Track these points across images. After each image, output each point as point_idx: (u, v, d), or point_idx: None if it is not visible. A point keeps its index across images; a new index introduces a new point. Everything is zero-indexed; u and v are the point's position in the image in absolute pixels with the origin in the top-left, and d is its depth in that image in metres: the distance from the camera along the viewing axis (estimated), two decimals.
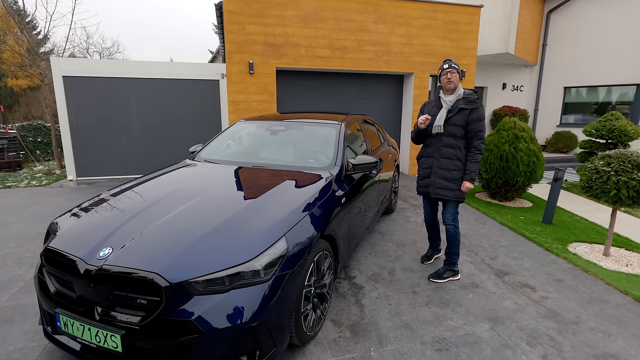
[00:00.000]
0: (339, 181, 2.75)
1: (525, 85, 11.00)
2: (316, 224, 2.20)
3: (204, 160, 3.16)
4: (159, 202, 2.22)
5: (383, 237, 4.05)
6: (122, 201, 2.30)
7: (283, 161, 3.03)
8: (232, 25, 6.12)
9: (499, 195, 5.60)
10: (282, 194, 2.32)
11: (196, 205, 2.15)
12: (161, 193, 2.36)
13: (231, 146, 3.44)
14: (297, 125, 3.45)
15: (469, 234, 4.17)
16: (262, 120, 3.61)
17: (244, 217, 2.00)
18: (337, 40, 6.68)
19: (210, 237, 1.82)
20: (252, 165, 2.93)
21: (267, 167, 2.88)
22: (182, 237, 1.83)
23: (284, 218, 2.03)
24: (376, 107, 7.69)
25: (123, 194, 2.45)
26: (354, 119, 3.76)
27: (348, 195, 2.75)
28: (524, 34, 9.42)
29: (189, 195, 2.30)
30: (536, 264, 3.41)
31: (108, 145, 7.42)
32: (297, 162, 3.01)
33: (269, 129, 3.47)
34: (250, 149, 3.38)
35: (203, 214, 2.06)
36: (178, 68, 7.47)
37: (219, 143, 3.47)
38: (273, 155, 3.19)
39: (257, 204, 2.16)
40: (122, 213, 2.09)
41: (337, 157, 2.92)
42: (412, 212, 4.99)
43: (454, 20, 7.23)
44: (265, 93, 6.52)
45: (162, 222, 1.95)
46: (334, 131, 3.21)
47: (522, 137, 5.35)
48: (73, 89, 7.05)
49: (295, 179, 2.58)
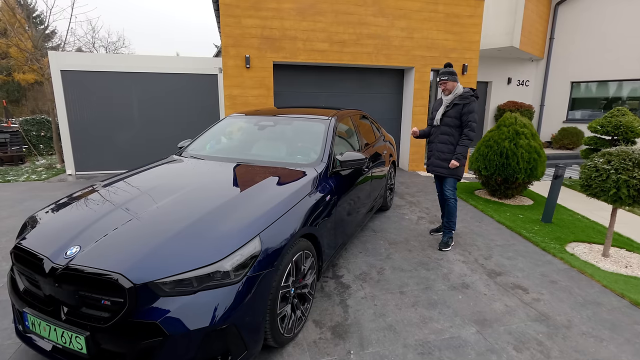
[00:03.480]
0: (325, 178, 2.67)
1: (531, 80, 10.76)
2: (296, 222, 2.13)
3: (190, 156, 3.11)
4: (136, 199, 2.17)
5: (375, 234, 3.97)
6: (98, 197, 2.26)
7: (270, 157, 2.96)
8: (228, 19, 6.03)
9: (499, 193, 5.48)
10: (262, 192, 2.26)
11: (173, 203, 2.09)
12: (140, 190, 2.32)
13: (219, 142, 3.38)
14: (286, 121, 3.37)
15: (463, 232, 4.08)
16: (251, 115, 3.55)
17: (218, 216, 1.94)
18: (336, 34, 6.56)
19: (181, 236, 1.77)
20: (237, 161, 2.87)
21: (252, 163, 2.81)
22: (152, 235, 1.78)
23: (259, 216, 1.97)
24: (376, 102, 7.58)
25: (102, 189, 2.41)
26: (346, 114, 3.68)
27: (334, 193, 2.68)
28: (529, 26, 9.18)
29: (168, 192, 2.25)
30: (531, 264, 3.31)
31: (107, 139, 7.42)
32: (284, 159, 2.94)
33: (257, 124, 3.40)
34: (237, 144, 3.32)
35: (178, 211, 2.00)
36: (176, 62, 7.42)
37: (207, 138, 3.41)
38: (260, 151, 3.12)
39: (234, 202, 2.10)
40: (96, 210, 2.05)
41: (324, 153, 2.85)
42: (408, 210, 4.90)
43: (456, 13, 7.05)
44: (262, 87, 6.44)
45: (135, 220, 1.90)
46: (323, 127, 3.13)
47: (523, 133, 5.21)
48: (71, 83, 7.04)
49: (278, 176, 2.51)
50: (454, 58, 7.22)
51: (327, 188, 2.62)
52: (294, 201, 2.22)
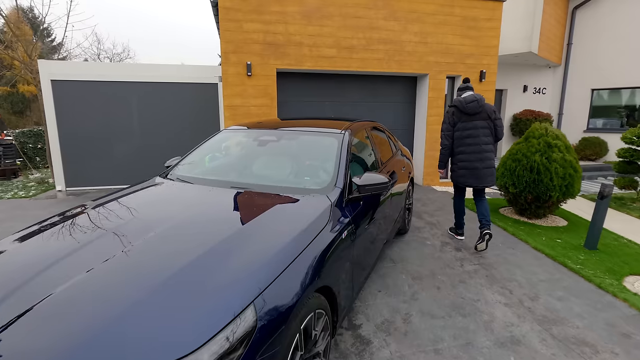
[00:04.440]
0: (340, 208, 2.13)
1: (548, 88, 10.22)
2: (305, 275, 1.59)
3: (176, 178, 2.60)
4: (97, 241, 1.65)
5: (395, 266, 3.41)
6: (56, 235, 1.74)
7: (271, 180, 2.43)
8: (228, 23, 5.59)
9: (528, 212, 4.89)
10: (260, 232, 1.72)
11: (141, 250, 1.57)
12: (105, 228, 1.79)
13: (211, 160, 2.86)
14: (291, 135, 2.84)
15: (497, 263, 3.49)
16: (250, 129, 3.03)
17: (200, 271, 1.41)
18: (344, 39, 6.10)
19: (143, 308, 1.23)
20: (232, 185, 2.34)
21: (250, 188, 2.28)
22: (103, 305, 1.24)
23: (256, 270, 1.43)
24: (386, 112, 7.06)
25: (64, 222, 1.90)
26: (360, 126, 3.16)
27: (352, 226, 2.14)
28: (547, 31, 8.68)
29: (139, 231, 1.73)
30: (589, 307, 2.72)
31: (100, 153, 6.96)
32: (289, 182, 2.41)
33: (257, 140, 2.88)
34: (233, 164, 2.79)
35: (145, 264, 1.47)
36: (173, 71, 6.98)
37: (198, 156, 2.90)
38: (260, 172, 2.60)
39: (223, 249, 1.56)
40: (36, 261, 1.52)
41: (337, 175, 2.31)
42: (428, 233, 4.33)
43: (473, 16, 6.57)
44: (265, 97, 5.96)
45: (82, 279, 1.37)
46: (336, 142, 2.60)
47: (556, 145, 4.66)
48: (62, 94, 6.62)
49: (281, 207, 1.98)
50: (470, 64, 6.72)
51: (344, 221, 2.08)
52: (302, 244, 1.68)
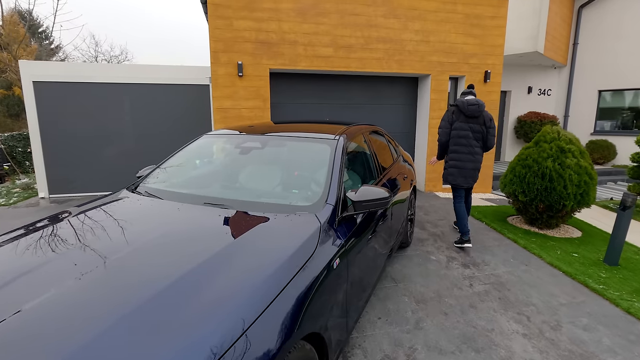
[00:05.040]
0: (332, 230, 1.79)
1: (553, 89, 9.89)
2: (286, 321, 1.24)
3: (145, 192, 2.25)
4: (40, 269, 1.31)
5: (397, 286, 3.06)
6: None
7: (251, 196, 2.09)
8: (217, 21, 5.27)
9: (539, 222, 4.54)
10: (225, 269, 1.37)
11: (84, 286, 1.22)
12: (57, 251, 1.46)
13: (187, 171, 2.52)
14: (277, 142, 2.50)
15: (510, 282, 3.14)
16: (233, 134, 2.69)
17: (147, 324, 1.06)
18: (341, 37, 5.77)
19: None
20: (205, 202, 1.99)
21: (225, 205, 1.93)
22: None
23: (224, 319, 1.08)
24: (386, 115, 6.73)
25: (9, 245, 1.57)
26: (358, 131, 2.82)
27: (345, 251, 1.79)
28: (553, 30, 8.37)
29: (88, 260, 1.39)
30: (620, 339, 2.37)
31: (85, 158, 6.62)
32: (271, 198, 2.06)
33: (239, 147, 2.53)
34: (209, 176, 2.44)
35: (85, 305, 1.13)
36: (162, 72, 6.65)
37: (173, 166, 2.55)
38: (239, 185, 2.26)
39: (181, 290, 1.21)
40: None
41: (329, 190, 1.97)
42: (432, 246, 3.98)
43: (476, 14, 6.25)
44: (258, 99, 5.63)
45: (13, 321, 1.03)
46: (328, 150, 2.26)
47: (569, 150, 4.32)
48: (45, 96, 6.29)
49: (258, 233, 1.63)
50: (474, 64, 6.39)
51: (335, 245, 1.73)
52: (281, 283, 1.33)
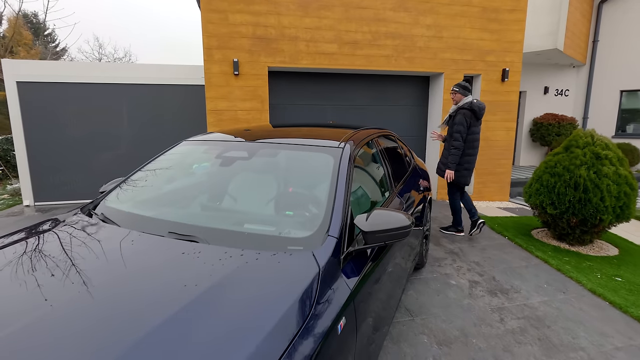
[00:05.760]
0: (335, 273, 1.30)
1: (571, 89, 9.34)
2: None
3: (101, 214, 1.79)
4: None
5: (413, 321, 2.56)
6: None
7: (229, 223, 1.62)
8: (211, 14, 4.82)
9: (571, 238, 4.02)
10: (199, 330, 0.90)
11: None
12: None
13: (157, 186, 2.05)
14: (268, 151, 2.02)
15: (549, 316, 2.63)
16: (216, 141, 2.21)
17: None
18: (346, 33, 5.30)
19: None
20: (171, 229, 1.52)
21: (194, 236, 1.46)
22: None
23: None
24: (395, 116, 6.24)
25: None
26: (366, 136, 2.33)
27: (354, 304, 1.31)
28: (573, 26, 7.83)
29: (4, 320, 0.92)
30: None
31: (73, 163, 6.20)
32: (255, 226, 1.58)
33: (221, 157, 2.06)
34: (182, 193, 1.97)
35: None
36: (153, 71, 6.22)
37: (142, 179, 2.09)
38: (215, 208, 1.78)
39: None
40: None
41: (332, 216, 1.49)
42: (451, 267, 3.48)
43: (494, 7, 5.75)
44: (255, 99, 5.17)
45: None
46: (331, 161, 1.78)
47: (606, 157, 3.81)
48: (29, 97, 5.89)
49: (229, 291, 1.15)
50: (491, 62, 5.89)
51: (340, 299, 1.24)
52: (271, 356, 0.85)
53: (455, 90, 4.01)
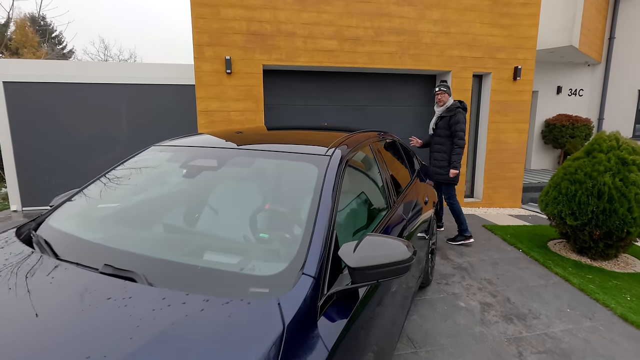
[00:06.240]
0: (310, 328, 0.97)
1: (585, 89, 8.88)
2: None
3: (41, 238, 1.47)
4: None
5: (417, 354, 2.21)
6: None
7: (179, 253, 1.29)
8: (202, 9, 4.52)
9: (593, 251, 3.64)
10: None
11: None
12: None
13: (110, 202, 1.73)
14: (240, 160, 1.67)
15: (576, 350, 2.26)
16: (183, 147, 1.89)
17: None
18: (347, 28, 4.96)
19: None
20: (107, 261, 1.20)
21: (134, 272, 1.14)
22: None
23: None
24: (399, 118, 5.88)
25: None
26: (361, 141, 2.00)
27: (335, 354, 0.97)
28: (588, 22, 7.40)
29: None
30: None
31: (63, 166, 5.94)
32: (214, 259, 1.25)
33: (187, 166, 1.73)
34: (136, 211, 1.64)
35: None
36: (142, 70, 5.95)
37: (95, 194, 1.77)
38: (167, 229, 1.46)
39: None
40: None
41: (309, 246, 1.15)
42: (459, 285, 3.12)
43: (505, 1, 5.37)
44: (249, 99, 4.86)
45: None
46: (314, 172, 1.45)
47: (633, 162, 3.43)
48: (16, 98, 5.65)
49: (164, 349, 0.83)
50: (502, 59, 5.51)
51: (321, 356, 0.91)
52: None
53: (443, 90, 3.92)
